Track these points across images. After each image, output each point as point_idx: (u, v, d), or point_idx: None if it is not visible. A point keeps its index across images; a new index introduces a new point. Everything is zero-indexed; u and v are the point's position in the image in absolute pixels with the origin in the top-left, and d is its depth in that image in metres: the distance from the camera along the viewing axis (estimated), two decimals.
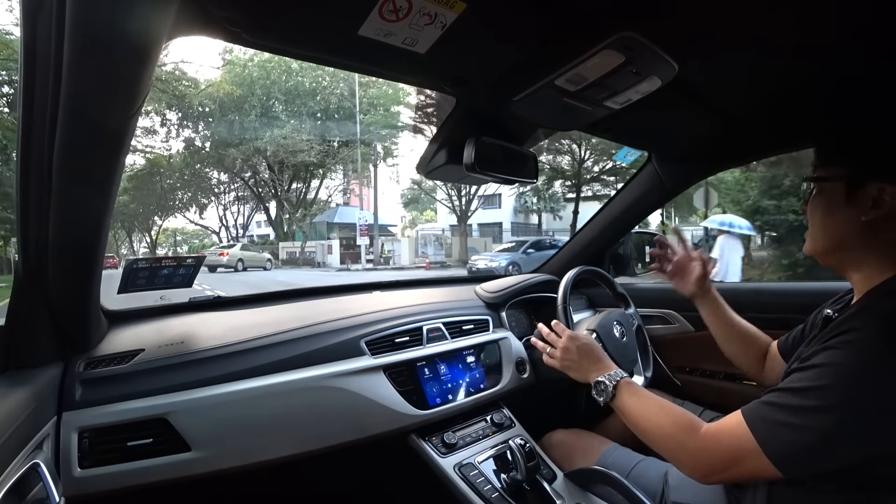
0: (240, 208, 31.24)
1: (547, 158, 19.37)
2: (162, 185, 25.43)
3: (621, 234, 1.82)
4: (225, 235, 31.76)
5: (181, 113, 22.09)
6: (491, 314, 1.51)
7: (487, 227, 27.56)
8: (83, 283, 0.89)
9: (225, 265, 17.86)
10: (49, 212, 0.72)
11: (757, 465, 0.69)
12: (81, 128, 0.64)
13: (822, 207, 0.79)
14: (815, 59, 0.88)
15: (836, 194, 0.76)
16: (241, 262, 18.49)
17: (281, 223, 26.83)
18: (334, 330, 1.18)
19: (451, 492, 1.06)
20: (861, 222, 0.72)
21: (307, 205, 26.22)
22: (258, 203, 28.18)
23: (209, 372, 1.00)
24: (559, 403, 1.68)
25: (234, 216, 31.73)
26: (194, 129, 23.23)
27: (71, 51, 0.55)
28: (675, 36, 0.77)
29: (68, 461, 0.86)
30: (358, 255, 20.90)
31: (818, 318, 0.92)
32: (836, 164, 0.76)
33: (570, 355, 1.05)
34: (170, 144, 23.88)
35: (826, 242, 0.79)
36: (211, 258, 17.90)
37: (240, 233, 31.79)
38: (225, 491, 1.14)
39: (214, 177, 27.51)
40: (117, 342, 1.07)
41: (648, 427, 0.86)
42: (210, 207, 29.92)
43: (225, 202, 30.56)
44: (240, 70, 21.67)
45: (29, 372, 0.86)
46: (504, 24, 0.75)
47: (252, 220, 32.80)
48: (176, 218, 30.53)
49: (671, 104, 1.07)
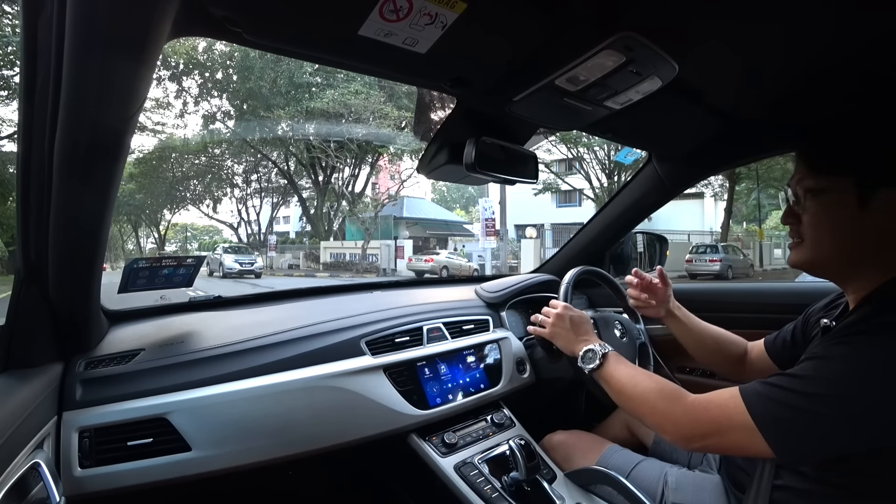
0: (261, 200, 26.97)
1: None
2: (174, 172, 21.55)
3: (622, 234, 1.82)
4: (245, 232, 27.68)
5: (203, 78, 17.27)
6: (491, 314, 1.51)
7: (563, 228, 20.14)
8: (83, 283, 0.89)
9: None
10: (49, 211, 0.72)
11: (742, 438, 0.70)
12: (81, 128, 0.64)
13: (828, 218, 0.75)
14: (815, 61, 0.88)
15: (844, 204, 0.72)
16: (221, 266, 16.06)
17: (321, 218, 21.76)
18: (334, 330, 1.18)
19: (452, 492, 1.06)
20: (877, 230, 0.71)
21: (353, 197, 20.35)
22: (283, 195, 24.05)
23: (209, 371, 1.00)
24: (559, 404, 1.68)
25: (256, 209, 27.59)
26: (219, 98, 18.16)
27: (71, 51, 0.55)
28: (675, 36, 0.77)
29: (69, 461, 0.86)
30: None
31: (812, 326, 0.92)
32: (840, 173, 0.73)
33: (563, 322, 1.06)
34: (185, 121, 18.85)
35: (833, 254, 0.77)
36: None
37: (262, 229, 27.47)
38: (225, 491, 1.14)
39: (235, 164, 22.75)
40: (117, 342, 1.07)
41: (634, 395, 0.87)
42: (225, 200, 25.94)
43: (245, 193, 26.02)
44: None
45: (29, 371, 0.86)
46: (505, 24, 0.75)
47: (278, 214, 28.63)
48: (188, 211, 26.98)
49: (672, 104, 1.07)
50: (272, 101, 16.15)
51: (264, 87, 16.13)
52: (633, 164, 11.26)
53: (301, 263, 21.12)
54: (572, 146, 15.30)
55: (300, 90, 16.10)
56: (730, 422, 0.71)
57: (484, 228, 13.22)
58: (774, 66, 0.92)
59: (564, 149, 15.57)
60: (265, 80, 16.03)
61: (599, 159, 16.78)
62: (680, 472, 1.05)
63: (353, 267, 18.41)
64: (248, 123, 17.83)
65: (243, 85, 16.92)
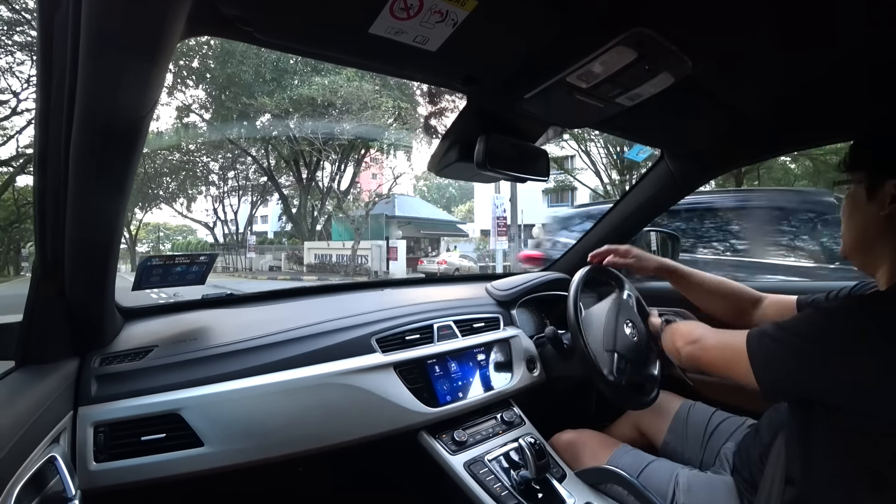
0: (239, 199, 24.78)
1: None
2: (145, 168, 18.76)
3: (633, 231, 1.80)
4: (221, 232, 25.86)
5: (178, 66, 15.21)
6: (502, 312, 1.50)
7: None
8: (98, 281, 0.90)
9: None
10: (65, 211, 0.73)
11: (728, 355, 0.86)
12: (96, 128, 0.64)
13: (848, 209, 0.83)
14: (831, 56, 0.87)
15: (859, 195, 0.80)
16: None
17: (305, 217, 20.04)
18: (345, 327, 1.18)
19: (461, 489, 1.06)
20: (881, 218, 0.76)
21: (341, 194, 18.80)
22: (262, 193, 22.12)
23: (221, 368, 1.01)
24: (569, 403, 1.67)
25: (234, 208, 25.40)
26: (195, 87, 16.22)
27: (86, 51, 0.56)
28: (688, 32, 0.76)
29: (84, 455, 0.87)
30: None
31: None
32: (859, 167, 0.80)
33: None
34: (158, 113, 15.35)
35: (852, 241, 0.84)
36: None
37: (239, 228, 25.42)
38: (236, 486, 1.15)
39: (211, 161, 20.71)
40: (131, 338, 1.08)
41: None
42: (201, 198, 23.89)
43: (222, 190, 23.92)
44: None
45: (46, 367, 0.87)
46: (515, 21, 0.74)
47: (256, 213, 26.16)
48: (161, 210, 25.49)
49: (684, 101, 1.06)
50: (255, 88, 14.65)
51: (247, 71, 14.57)
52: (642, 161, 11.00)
53: (283, 265, 20.17)
54: (581, 143, 14.99)
55: (286, 76, 14.76)
56: (730, 349, 0.85)
57: (495, 228, 11.53)
58: (789, 62, 0.90)
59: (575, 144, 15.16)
60: (248, 65, 14.47)
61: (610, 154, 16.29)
62: (691, 473, 1.04)
63: (341, 269, 17.03)
64: (227, 113, 15.96)
65: (223, 70, 15.10)
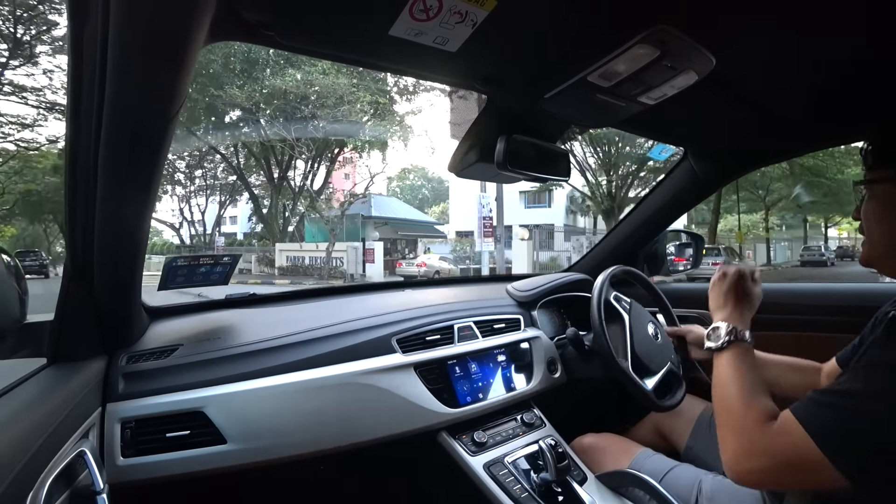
0: (206, 199, 24.09)
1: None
2: None
3: (656, 232, 1.78)
4: (188, 233, 24.98)
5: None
6: (522, 313, 1.49)
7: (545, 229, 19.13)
8: (126, 281, 0.92)
9: None
10: (95, 213, 0.75)
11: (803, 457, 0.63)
12: (124, 131, 0.66)
13: (878, 210, 0.75)
14: (858, 55, 0.84)
15: (889, 195, 0.73)
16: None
17: (276, 217, 19.24)
18: (366, 327, 1.19)
19: (481, 491, 1.06)
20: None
21: (312, 194, 18.22)
22: (231, 192, 21.63)
23: (244, 367, 1.02)
24: (590, 406, 1.66)
25: (201, 208, 24.68)
26: None
27: (114, 58, 0.57)
28: (711, 28, 0.75)
29: (112, 450, 0.89)
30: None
31: (880, 318, 0.84)
32: (887, 165, 0.73)
33: (721, 282, 0.97)
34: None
35: (884, 246, 0.76)
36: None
37: (207, 229, 24.68)
38: (259, 484, 1.17)
39: (177, 159, 19.81)
40: (157, 337, 1.11)
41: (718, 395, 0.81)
42: (166, 198, 22.63)
43: (189, 190, 23.25)
44: None
45: (76, 364, 0.90)
46: (535, 21, 0.74)
47: (225, 213, 25.63)
48: None
49: (708, 99, 1.04)
50: (224, 79, 13.86)
51: (215, 61, 13.73)
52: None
53: (253, 268, 19.43)
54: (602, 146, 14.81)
55: (257, 67, 14.07)
56: (791, 441, 0.65)
57: (481, 228, 11.12)
58: (817, 57, 0.88)
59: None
60: (216, 54, 13.50)
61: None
62: (715, 479, 1.02)
63: (315, 272, 16.35)
64: (193, 105, 14.86)
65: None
